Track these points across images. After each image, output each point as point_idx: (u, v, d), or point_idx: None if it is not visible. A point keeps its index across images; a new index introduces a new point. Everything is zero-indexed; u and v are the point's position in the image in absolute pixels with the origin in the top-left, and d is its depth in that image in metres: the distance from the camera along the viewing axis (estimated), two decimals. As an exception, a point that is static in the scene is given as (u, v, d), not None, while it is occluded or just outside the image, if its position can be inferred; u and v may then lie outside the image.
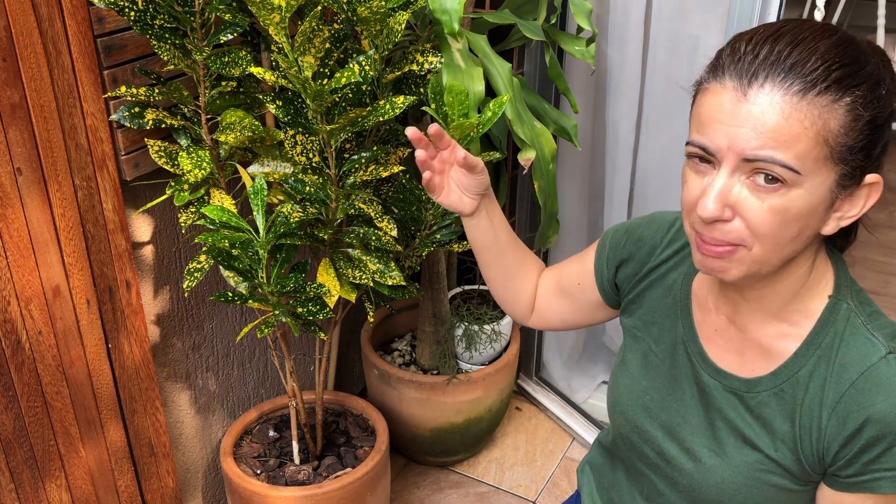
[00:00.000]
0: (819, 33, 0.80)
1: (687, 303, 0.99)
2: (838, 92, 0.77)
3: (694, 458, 0.95)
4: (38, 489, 1.35)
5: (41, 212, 1.23)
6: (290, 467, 1.66)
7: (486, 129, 1.31)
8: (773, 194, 0.78)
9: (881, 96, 0.80)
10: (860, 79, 0.78)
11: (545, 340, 2.35)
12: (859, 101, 0.78)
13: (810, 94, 0.76)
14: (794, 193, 0.78)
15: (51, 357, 1.31)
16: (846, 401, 0.84)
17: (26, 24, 1.13)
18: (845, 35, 0.81)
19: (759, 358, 0.91)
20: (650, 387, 1.01)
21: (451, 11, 1.31)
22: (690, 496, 0.97)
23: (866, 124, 0.79)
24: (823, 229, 0.83)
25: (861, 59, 0.79)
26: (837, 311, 0.87)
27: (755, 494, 0.92)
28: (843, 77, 0.77)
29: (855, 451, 0.84)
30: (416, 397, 1.93)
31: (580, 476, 1.22)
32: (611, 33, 1.84)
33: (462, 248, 1.48)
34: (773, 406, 0.90)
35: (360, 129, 1.26)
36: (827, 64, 0.77)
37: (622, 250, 1.06)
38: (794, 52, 0.77)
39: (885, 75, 0.81)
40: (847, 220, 0.83)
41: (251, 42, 1.36)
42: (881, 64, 0.82)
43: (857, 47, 0.80)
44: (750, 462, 0.91)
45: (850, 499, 0.87)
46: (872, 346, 0.84)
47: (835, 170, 0.79)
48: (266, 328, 1.33)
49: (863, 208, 0.83)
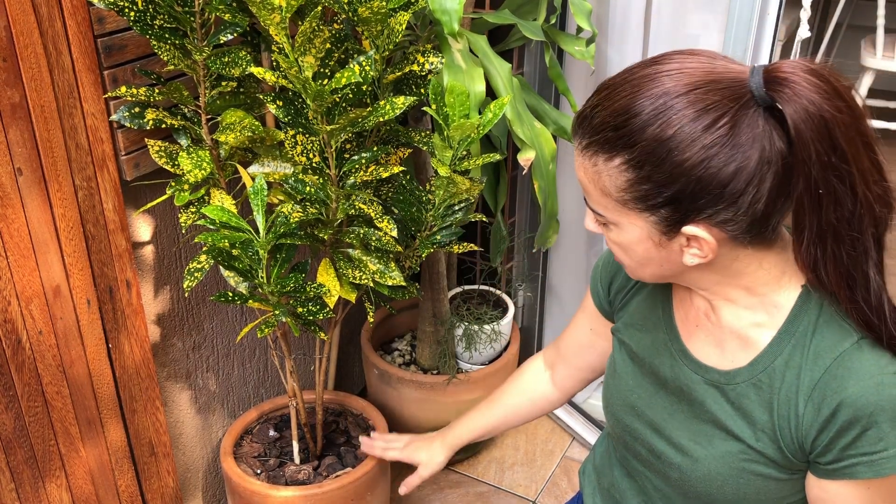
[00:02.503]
0: (636, 85, 0.81)
1: (668, 303, 1.02)
2: (608, 153, 0.82)
3: (682, 451, 0.97)
4: (39, 489, 1.35)
5: (41, 212, 1.23)
6: (290, 467, 1.66)
7: (487, 130, 1.31)
8: (606, 229, 0.90)
9: (662, 158, 0.79)
10: (631, 142, 0.80)
11: (545, 340, 2.36)
12: (630, 163, 0.81)
13: (589, 150, 0.85)
14: (617, 231, 0.88)
15: (51, 357, 1.31)
16: (820, 387, 0.85)
17: (26, 24, 1.13)
18: (671, 86, 0.79)
19: (738, 349, 0.93)
20: (636, 385, 1.04)
21: (451, 12, 1.31)
22: (682, 489, 0.99)
23: (643, 182, 0.81)
24: (683, 259, 0.87)
25: (649, 118, 0.79)
26: (810, 300, 0.89)
27: (742, 484, 0.93)
28: (614, 139, 0.81)
29: (831, 436, 0.85)
30: (416, 397, 1.93)
31: (582, 477, 1.23)
32: (611, 33, 1.84)
33: (462, 249, 1.48)
34: (752, 397, 0.91)
35: (360, 130, 1.26)
36: (604, 126, 0.82)
37: (612, 265, 1.10)
38: (596, 110, 0.84)
39: (711, 130, 0.78)
40: (699, 259, 0.86)
41: (251, 42, 1.36)
42: (717, 117, 0.78)
43: (660, 104, 0.79)
44: (734, 453, 0.93)
45: (833, 486, 0.88)
46: (844, 333, 0.86)
47: (644, 217, 0.85)
48: (266, 328, 1.33)
49: (707, 254, 0.85)
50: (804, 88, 0.76)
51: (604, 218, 0.88)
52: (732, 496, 0.94)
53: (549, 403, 1.30)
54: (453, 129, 1.27)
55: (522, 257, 2.24)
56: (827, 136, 0.76)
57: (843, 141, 0.77)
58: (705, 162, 0.78)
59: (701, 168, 0.79)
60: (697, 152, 0.78)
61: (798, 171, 0.79)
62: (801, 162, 0.78)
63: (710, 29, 1.73)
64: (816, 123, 0.76)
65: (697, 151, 0.78)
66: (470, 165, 1.34)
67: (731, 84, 0.79)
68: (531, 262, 2.23)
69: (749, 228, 0.83)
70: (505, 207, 2.11)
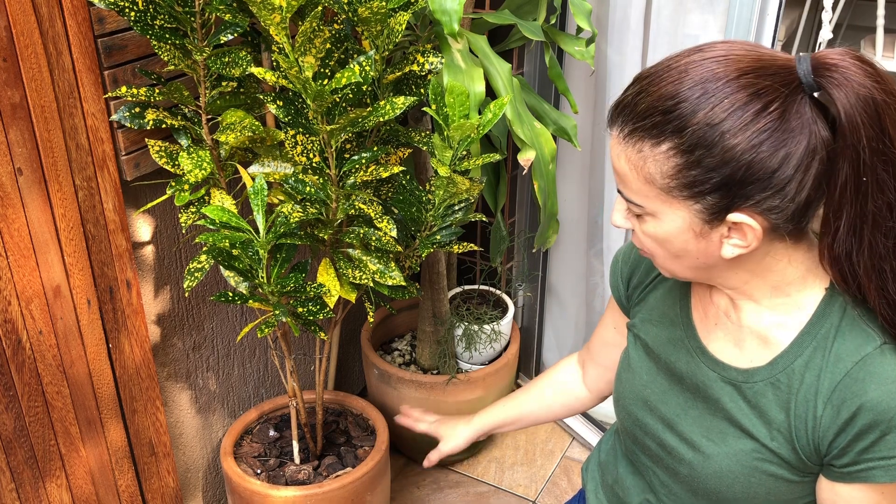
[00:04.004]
0: (684, 71, 0.80)
1: (686, 301, 1.01)
2: (655, 138, 0.81)
3: (693, 447, 0.97)
4: (39, 489, 1.35)
5: (42, 212, 1.23)
6: (290, 467, 1.66)
7: (487, 130, 1.31)
8: (640, 220, 0.88)
9: (729, 143, 0.78)
10: (682, 124, 0.79)
11: (545, 340, 2.36)
12: (679, 149, 0.80)
13: (633, 138, 0.83)
14: (655, 222, 0.86)
15: (51, 357, 1.31)
16: (841, 390, 0.85)
17: (27, 25, 1.13)
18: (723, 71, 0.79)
19: (757, 348, 0.93)
20: (650, 381, 1.03)
21: (450, 12, 1.32)
22: (691, 486, 0.99)
23: (698, 168, 0.80)
24: (722, 253, 0.85)
25: (699, 103, 0.79)
26: (834, 303, 0.88)
27: (753, 483, 0.93)
28: (661, 123, 0.80)
29: (849, 439, 0.85)
30: (416, 397, 1.93)
31: (585, 474, 1.24)
32: (611, 33, 1.84)
33: (462, 249, 1.48)
34: (770, 396, 0.91)
35: (360, 130, 1.26)
36: (651, 110, 0.81)
37: (633, 260, 1.10)
38: (640, 97, 0.82)
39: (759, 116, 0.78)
40: (742, 249, 0.85)
41: (251, 42, 1.36)
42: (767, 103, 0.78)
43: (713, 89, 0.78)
44: (747, 451, 0.92)
45: (846, 490, 0.88)
46: (867, 337, 0.85)
47: (687, 205, 0.83)
48: (266, 328, 1.33)
49: (751, 244, 0.84)
50: (855, 73, 0.77)
51: (641, 209, 0.86)
52: (742, 495, 0.94)
53: (580, 403, 1.29)
54: (453, 130, 1.27)
55: (522, 257, 2.24)
56: (877, 119, 0.77)
57: (891, 126, 0.77)
58: (756, 147, 0.78)
59: (752, 153, 0.78)
60: (749, 137, 0.78)
61: (845, 158, 0.79)
62: (850, 147, 0.78)
63: (709, 29, 1.73)
64: (868, 107, 0.77)
65: (749, 136, 0.78)
66: (470, 165, 1.34)
67: (780, 70, 0.79)
68: (531, 262, 2.23)
69: (791, 217, 0.83)
70: (505, 207, 2.11)
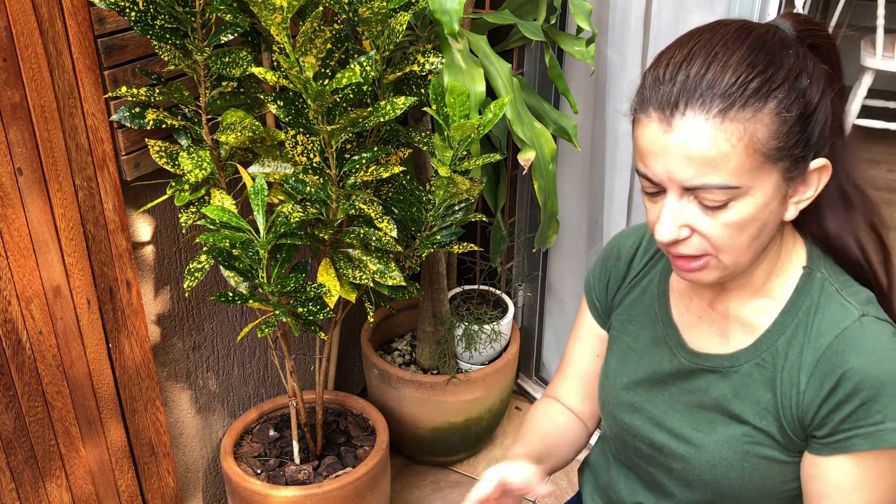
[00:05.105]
0: (731, 42, 0.81)
1: (665, 299, 1.02)
2: (759, 101, 0.79)
3: (684, 441, 0.98)
4: (39, 489, 1.35)
5: (42, 212, 1.23)
6: (290, 467, 1.66)
7: (487, 131, 1.31)
8: (722, 210, 0.82)
9: (805, 89, 0.81)
10: (779, 80, 0.80)
11: (545, 340, 2.36)
12: (783, 104, 0.80)
13: (732, 111, 0.78)
14: (742, 203, 0.81)
15: (51, 357, 1.31)
16: (823, 362, 0.87)
17: (27, 25, 1.13)
18: (759, 34, 0.82)
19: (742, 335, 0.94)
20: (633, 383, 1.04)
21: (451, 12, 1.31)
22: (686, 480, 0.99)
23: (796, 121, 0.81)
24: (785, 216, 0.86)
25: (776, 60, 0.80)
26: (812, 280, 0.91)
27: (747, 469, 0.93)
28: (761, 85, 0.79)
29: (829, 409, 0.87)
30: (416, 397, 1.93)
31: (581, 476, 1.23)
32: (611, 33, 1.84)
33: (462, 249, 1.48)
34: (756, 376, 0.92)
35: (360, 130, 1.26)
36: (742, 77, 0.79)
37: (604, 267, 1.10)
38: (709, 73, 0.79)
39: (806, 64, 0.82)
40: (805, 203, 0.86)
41: (252, 42, 1.36)
42: (799, 53, 0.82)
43: (770, 47, 0.81)
44: (737, 436, 0.93)
45: (825, 463, 0.89)
46: (846, 311, 0.88)
47: (776, 168, 0.81)
48: (266, 328, 1.33)
49: (817, 189, 0.86)
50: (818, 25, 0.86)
51: (733, 192, 0.80)
52: (737, 482, 0.94)
53: (589, 436, 1.21)
54: (453, 130, 1.27)
55: (522, 257, 2.24)
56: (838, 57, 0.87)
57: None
58: (810, 86, 0.81)
59: (815, 93, 0.82)
60: (815, 80, 0.82)
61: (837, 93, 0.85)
62: (837, 80, 0.85)
63: (710, 29, 1.73)
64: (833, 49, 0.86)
65: (815, 80, 0.82)
66: (470, 165, 1.34)
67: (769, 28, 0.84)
68: (531, 262, 2.23)
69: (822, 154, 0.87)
70: (505, 207, 2.11)
